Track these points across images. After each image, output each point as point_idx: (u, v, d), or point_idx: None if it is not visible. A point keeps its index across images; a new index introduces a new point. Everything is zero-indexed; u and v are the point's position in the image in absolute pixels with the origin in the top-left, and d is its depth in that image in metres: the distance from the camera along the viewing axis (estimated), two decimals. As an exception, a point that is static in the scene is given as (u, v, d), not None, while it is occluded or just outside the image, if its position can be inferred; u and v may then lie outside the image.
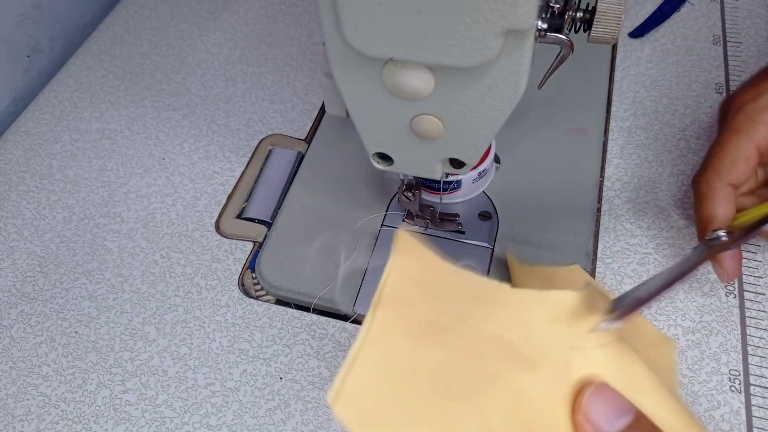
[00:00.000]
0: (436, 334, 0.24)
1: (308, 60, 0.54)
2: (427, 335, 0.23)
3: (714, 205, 0.36)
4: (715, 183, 0.36)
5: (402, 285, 0.24)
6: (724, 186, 0.36)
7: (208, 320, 0.40)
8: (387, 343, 0.23)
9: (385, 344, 0.23)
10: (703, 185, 0.37)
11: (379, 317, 0.23)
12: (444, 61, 0.26)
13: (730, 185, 0.36)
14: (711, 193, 0.36)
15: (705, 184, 0.37)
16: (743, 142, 0.36)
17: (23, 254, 0.44)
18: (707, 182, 0.37)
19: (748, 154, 0.36)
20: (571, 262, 0.41)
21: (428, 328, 0.24)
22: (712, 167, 0.37)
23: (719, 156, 0.37)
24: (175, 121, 0.51)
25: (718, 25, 0.54)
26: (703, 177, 0.37)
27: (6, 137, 0.50)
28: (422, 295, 0.24)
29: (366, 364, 0.22)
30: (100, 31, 0.57)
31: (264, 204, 0.46)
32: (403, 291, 0.24)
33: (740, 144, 0.36)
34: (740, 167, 0.36)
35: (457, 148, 0.32)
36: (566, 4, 0.29)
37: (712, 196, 0.36)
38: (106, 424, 0.36)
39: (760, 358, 0.37)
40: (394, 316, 0.24)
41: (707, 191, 0.37)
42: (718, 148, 0.37)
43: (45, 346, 0.39)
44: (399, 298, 0.24)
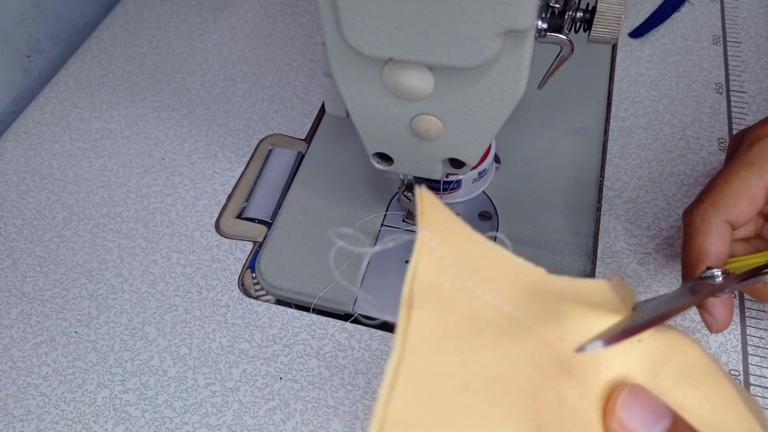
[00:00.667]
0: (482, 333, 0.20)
1: (308, 60, 0.54)
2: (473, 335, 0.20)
3: (707, 241, 0.32)
4: (711, 218, 0.32)
5: (436, 271, 0.20)
6: (720, 222, 0.32)
7: (208, 320, 0.40)
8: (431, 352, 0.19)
9: (429, 353, 0.19)
10: (696, 218, 0.32)
11: (417, 319, 0.19)
12: (444, 61, 0.26)
13: (727, 222, 0.32)
14: (705, 228, 0.32)
15: (699, 217, 0.32)
16: (753, 177, 0.31)
17: (23, 254, 0.44)
18: (702, 215, 0.32)
19: (755, 193, 0.31)
20: (571, 262, 0.41)
21: (472, 325, 0.20)
22: (711, 199, 0.32)
23: (721, 188, 0.32)
24: (175, 121, 0.51)
25: (718, 25, 0.54)
26: (698, 209, 0.33)
27: (6, 137, 0.50)
28: (460, 283, 0.20)
29: (410, 382, 0.18)
30: (100, 31, 0.57)
31: (264, 204, 0.46)
32: (437, 279, 0.20)
33: (748, 179, 0.31)
34: (743, 204, 0.31)
35: (457, 148, 0.32)
36: (566, 4, 0.29)
37: (705, 232, 0.32)
38: (106, 424, 0.36)
39: (760, 358, 0.37)
40: (433, 314, 0.19)
41: (701, 225, 0.32)
42: (722, 180, 0.32)
43: (45, 346, 0.39)
44: (435, 290, 0.20)
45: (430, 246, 0.20)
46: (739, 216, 0.32)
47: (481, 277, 0.21)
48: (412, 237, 0.21)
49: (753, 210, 0.32)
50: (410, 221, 0.43)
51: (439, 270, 0.20)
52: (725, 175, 0.33)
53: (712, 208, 0.32)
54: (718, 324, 0.31)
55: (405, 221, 0.43)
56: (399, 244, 0.24)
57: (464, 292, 0.20)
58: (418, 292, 0.19)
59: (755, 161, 0.32)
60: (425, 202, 0.21)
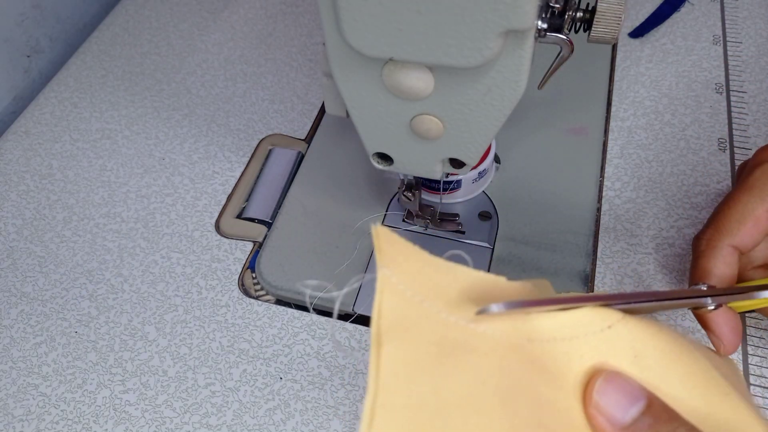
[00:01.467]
0: (450, 356, 0.21)
1: (308, 60, 0.54)
2: (442, 360, 0.20)
3: (710, 263, 0.32)
4: (716, 241, 0.33)
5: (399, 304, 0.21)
6: (725, 246, 0.32)
7: (208, 320, 0.40)
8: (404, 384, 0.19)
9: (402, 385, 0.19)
10: (702, 242, 0.33)
11: (386, 355, 0.20)
12: (444, 61, 0.26)
13: (732, 246, 0.32)
14: (710, 252, 0.33)
15: (705, 242, 0.33)
16: (754, 200, 0.32)
17: (23, 254, 0.44)
18: (707, 240, 0.33)
19: (758, 215, 0.32)
20: (571, 262, 0.41)
21: (440, 350, 0.21)
22: (715, 225, 0.33)
23: (724, 213, 0.33)
24: (175, 121, 0.51)
25: (718, 25, 0.54)
26: (704, 234, 0.34)
27: (6, 137, 0.50)
28: (425, 310, 0.21)
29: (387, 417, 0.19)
30: (100, 31, 0.57)
31: (264, 204, 0.46)
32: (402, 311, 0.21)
33: (750, 203, 0.32)
34: (747, 228, 0.32)
35: (457, 148, 0.32)
36: (566, 4, 0.29)
37: (709, 255, 0.33)
38: (106, 424, 0.36)
39: (760, 358, 0.37)
40: (401, 347, 0.20)
41: (706, 249, 0.33)
42: (725, 206, 0.33)
43: (45, 346, 0.39)
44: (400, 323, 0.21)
45: (390, 282, 0.21)
46: (745, 239, 0.32)
47: (444, 300, 0.22)
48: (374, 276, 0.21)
49: (758, 233, 0.32)
50: (410, 221, 0.43)
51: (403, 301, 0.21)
52: (728, 201, 0.33)
53: (716, 233, 0.33)
54: (724, 345, 0.31)
55: (405, 221, 0.43)
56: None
57: (429, 318, 0.21)
58: (385, 329, 0.20)
59: (756, 185, 0.33)
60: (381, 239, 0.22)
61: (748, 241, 0.32)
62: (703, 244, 0.33)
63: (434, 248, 0.42)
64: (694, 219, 0.43)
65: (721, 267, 0.32)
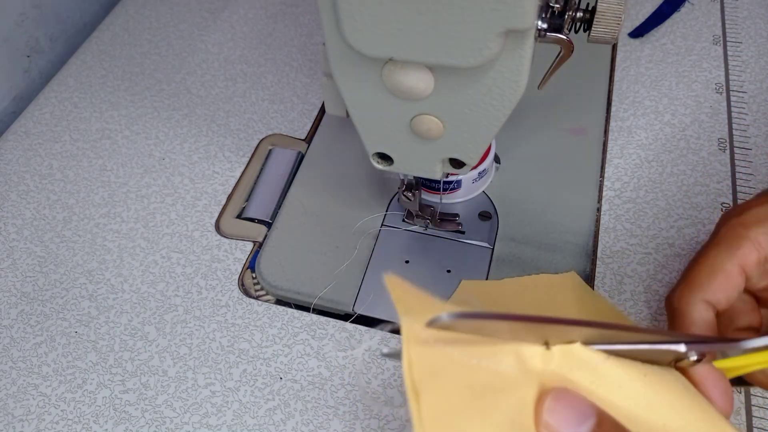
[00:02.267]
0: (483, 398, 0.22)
1: (308, 60, 0.54)
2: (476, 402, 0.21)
3: (687, 320, 0.32)
4: (688, 297, 0.32)
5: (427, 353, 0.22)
6: (698, 301, 0.32)
7: (208, 320, 0.40)
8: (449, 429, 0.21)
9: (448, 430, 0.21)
10: (674, 300, 0.33)
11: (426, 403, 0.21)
12: (444, 61, 0.26)
13: (705, 302, 0.32)
14: (683, 308, 0.32)
15: (677, 299, 0.32)
16: (722, 254, 0.32)
17: (23, 254, 0.44)
18: (679, 297, 0.32)
19: (728, 270, 0.31)
20: (571, 262, 0.41)
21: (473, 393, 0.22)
22: (686, 282, 0.33)
23: (694, 270, 0.33)
24: (175, 121, 0.51)
25: (718, 25, 0.54)
26: (674, 292, 0.33)
27: (6, 137, 0.50)
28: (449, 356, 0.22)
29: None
30: (100, 31, 0.57)
31: (264, 204, 0.46)
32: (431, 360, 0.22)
33: (719, 257, 0.32)
34: (718, 283, 0.31)
35: (457, 148, 0.32)
36: (566, 4, 0.29)
37: (683, 313, 0.32)
38: (106, 424, 0.36)
39: (760, 358, 0.37)
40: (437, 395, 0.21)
41: (678, 306, 0.32)
42: (695, 263, 0.33)
43: (45, 346, 0.39)
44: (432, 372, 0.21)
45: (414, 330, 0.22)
46: (717, 294, 0.31)
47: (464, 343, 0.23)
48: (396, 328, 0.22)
49: (730, 288, 0.31)
50: (410, 221, 0.43)
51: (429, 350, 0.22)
52: (697, 258, 0.33)
53: (687, 289, 0.32)
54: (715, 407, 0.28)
55: (405, 221, 0.43)
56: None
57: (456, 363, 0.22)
58: (419, 379, 0.21)
59: (722, 241, 0.32)
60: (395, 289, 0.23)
61: (720, 296, 0.31)
62: (675, 301, 0.33)
63: (434, 248, 0.42)
64: (694, 219, 0.43)
65: (697, 322, 0.31)
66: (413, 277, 0.42)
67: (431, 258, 0.42)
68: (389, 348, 0.22)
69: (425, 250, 0.42)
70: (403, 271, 0.41)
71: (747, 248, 0.31)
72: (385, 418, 0.36)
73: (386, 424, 0.36)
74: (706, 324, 0.31)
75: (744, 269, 0.31)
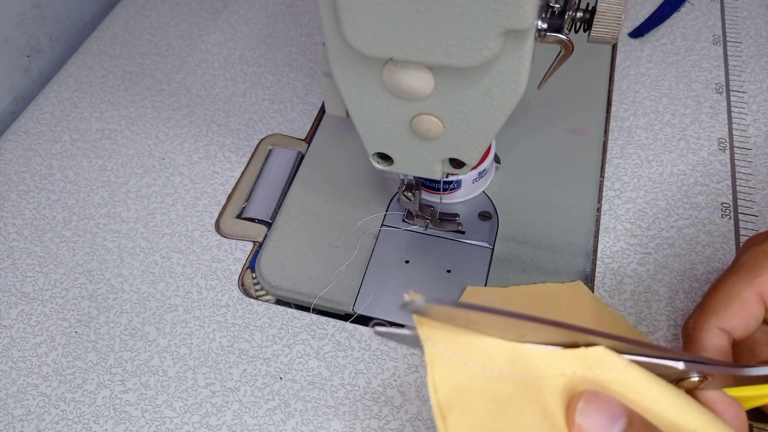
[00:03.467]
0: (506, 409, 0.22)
1: (308, 60, 0.54)
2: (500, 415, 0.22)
3: (699, 345, 0.31)
4: (704, 323, 0.31)
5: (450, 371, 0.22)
6: (713, 327, 0.31)
7: (208, 320, 0.40)
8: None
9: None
10: (689, 326, 0.32)
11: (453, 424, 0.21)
12: (444, 61, 0.26)
13: (720, 329, 0.31)
14: (697, 334, 0.32)
15: (692, 325, 0.32)
16: (741, 283, 0.31)
17: (23, 254, 0.44)
18: (695, 322, 0.32)
19: (746, 298, 0.31)
20: (571, 262, 0.41)
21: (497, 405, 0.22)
22: (703, 308, 0.32)
23: (712, 296, 0.32)
24: (175, 121, 0.51)
25: (718, 25, 0.54)
26: (691, 318, 0.33)
27: (6, 137, 0.50)
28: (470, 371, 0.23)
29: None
30: (100, 31, 0.57)
31: (264, 204, 0.46)
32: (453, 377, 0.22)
33: (737, 284, 0.31)
34: (735, 310, 0.31)
35: (457, 148, 0.32)
36: (566, 4, 0.29)
37: (698, 338, 0.31)
38: (106, 424, 0.36)
39: (760, 358, 0.37)
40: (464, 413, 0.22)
41: (693, 333, 0.32)
42: (713, 289, 0.33)
43: (45, 346, 0.39)
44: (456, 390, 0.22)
45: (437, 350, 0.22)
46: (732, 321, 0.31)
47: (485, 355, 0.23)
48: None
49: (747, 315, 0.31)
50: (410, 221, 0.43)
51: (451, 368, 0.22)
52: (716, 285, 0.33)
53: (703, 315, 0.32)
54: None
55: (405, 221, 0.43)
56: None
57: (477, 377, 0.23)
58: (444, 401, 0.22)
59: (742, 269, 0.32)
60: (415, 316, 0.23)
61: (736, 323, 0.31)
62: (690, 327, 0.32)
63: (434, 248, 0.42)
64: (694, 219, 0.43)
65: (708, 349, 0.31)
66: (413, 277, 0.42)
67: (431, 258, 0.42)
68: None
69: (425, 250, 0.42)
70: (403, 270, 0.41)
71: (767, 277, 0.31)
72: (385, 418, 0.36)
73: (386, 425, 0.36)
74: (719, 351, 0.31)
75: (763, 298, 0.31)
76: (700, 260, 0.41)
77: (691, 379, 0.26)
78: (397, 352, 0.38)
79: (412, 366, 0.37)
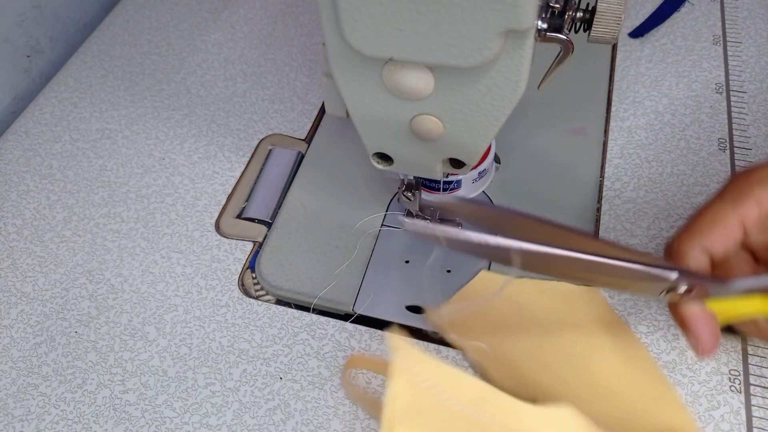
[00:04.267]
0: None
1: (308, 60, 0.54)
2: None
3: (682, 262, 0.33)
4: (686, 243, 0.33)
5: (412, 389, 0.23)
6: (694, 247, 0.33)
7: (208, 320, 0.40)
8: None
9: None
10: (673, 245, 0.34)
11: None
12: (444, 61, 0.26)
13: (702, 248, 0.33)
14: (680, 253, 0.33)
15: (675, 244, 0.34)
16: (725, 208, 0.33)
17: (23, 254, 0.44)
18: (678, 242, 0.34)
19: (728, 222, 0.32)
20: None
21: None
22: (687, 229, 0.34)
23: (696, 219, 0.34)
24: (175, 121, 0.51)
25: (718, 25, 0.54)
26: (676, 238, 0.34)
27: (6, 137, 0.50)
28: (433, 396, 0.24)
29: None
30: (100, 31, 0.57)
31: (264, 204, 0.46)
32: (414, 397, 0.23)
33: (721, 209, 0.33)
34: (717, 233, 0.32)
35: (457, 148, 0.32)
36: (566, 4, 0.29)
37: (680, 255, 0.33)
38: (106, 424, 0.36)
39: (760, 358, 0.37)
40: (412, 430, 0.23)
41: (677, 251, 0.33)
42: (698, 213, 0.34)
43: (45, 346, 0.39)
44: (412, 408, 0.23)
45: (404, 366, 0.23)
46: (714, 243, 0.32)
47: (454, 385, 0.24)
48: None
49: (728, 239, 0.32)
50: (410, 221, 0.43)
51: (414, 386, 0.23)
52: (702, 209, 0.34)
53: (688, 235, 0.33)
54: (702, 345, 0.32)
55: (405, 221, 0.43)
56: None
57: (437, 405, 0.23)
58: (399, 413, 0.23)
59: (728, 195, 0.33)
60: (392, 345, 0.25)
61: (717, 245, 0.32)
62: (675, 245, 0.34)
63: (434, 248, 0.42)
64: (694, 219, 0.43)
65: (692, 265, 0.32)
66: (413, 277, 0.42)
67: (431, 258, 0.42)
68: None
69: (425, 250, 0.42)
70: (403, 271, 0.41)
71: (749, 204, 0.32)
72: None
73: (386, 424, 0.36)
74: (701, 267, 0.32)
75: (744, 224, 0.32)
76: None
77: (678, 291, 0.29)
78: (397, 352, 0.38)
79: (412, 366, 0.37)
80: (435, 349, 0.38)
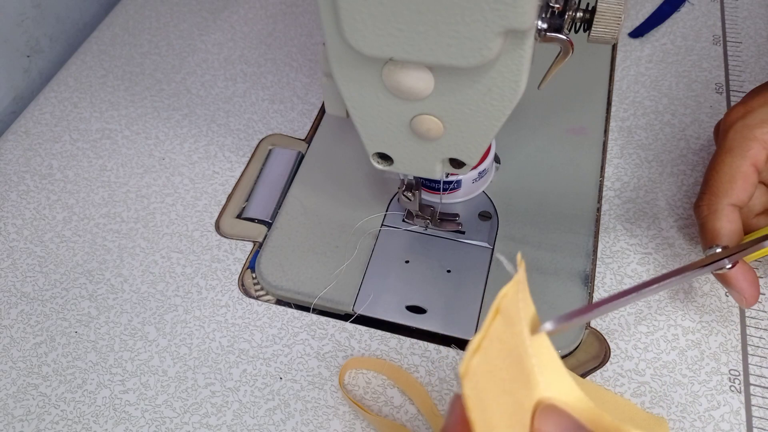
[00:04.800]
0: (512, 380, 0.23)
1: (308, 60, 0.54)
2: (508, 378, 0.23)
3: (717, 224, 0.35)
4: (716, 204, 0.36)
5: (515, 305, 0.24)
6: (725, 206, 0.35)
7: (208, 320, 0.40)
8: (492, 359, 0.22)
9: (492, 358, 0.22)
10: (704, 208, 0.36)
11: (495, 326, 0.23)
12: (444, 61, 0.26)
13: (731, 205, 0.35)
14: (713, 215, 0.36)
15: (706, 207, 0.36)
16: (737, 160, 0.35)
17: (23, 254, 0.44)
18: (708, 204, 0.36)
19: (745, 172, 0.35)
20: (571, 262, 0.41)
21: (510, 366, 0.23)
22: (710, 189, 0.36)
23: (715, 177, 0.36)
24: (175, 121, 0.51)
25: (718, 25, 0.54)
26: (702, 200, 0.37)
27: (6, 137, 0.50)
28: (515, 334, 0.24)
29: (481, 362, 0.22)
30: (100, 31, 0.57)
31: (264, 204, 0.46)
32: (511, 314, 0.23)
33: (734, 162, 0.35)
34: (738, 186, 0.35)
35: (457, 148, 0.32)
36: (566, 4, 0.29)
37: (714, 218, 0.35)
38: (106, 424, 0.36)
39: (760, 358, 0.37)
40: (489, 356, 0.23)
41: (708, 213, 0.36)
42: (714, 170, 0.36)
43: (45, 346, 0.39)
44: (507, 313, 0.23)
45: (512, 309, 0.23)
46: (740, 195, 0.35)
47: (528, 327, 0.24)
48: None
49: (750, 186, 0.35)
50: (410, 221, 0.43)
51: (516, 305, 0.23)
52: (714, 166, 0.37)
53: (713, 196, 0.36)
54: (746, 298, 0.35)
55: (405, 221, 0.43)
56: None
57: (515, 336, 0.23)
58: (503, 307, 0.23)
59: (733, 146, 0.36)
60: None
61: (742, 196, 0.35)
62: (704, 209, 0.36)
63: (434, 248, 0.42)
64: (693, 219, 0.43)
65: (727, 226, 0.35)
66: (413, 277, 0.42)
67: (431, 258, 0.42)
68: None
69: (425, 250, 0.42)
70: (403, 271, 0.41)
71: (756, 149, 0.35)
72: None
73: (386, 424, 0.36)
74: (736, 224, 0.35)
75: (756, 167, 0.35)
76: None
77: (726, 268, 0.34)
78: (397, 352, 0.38)
79: (412, 366, 0.37)
80: (435, 349, 0.38)
